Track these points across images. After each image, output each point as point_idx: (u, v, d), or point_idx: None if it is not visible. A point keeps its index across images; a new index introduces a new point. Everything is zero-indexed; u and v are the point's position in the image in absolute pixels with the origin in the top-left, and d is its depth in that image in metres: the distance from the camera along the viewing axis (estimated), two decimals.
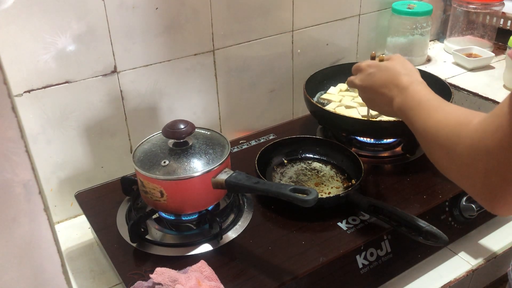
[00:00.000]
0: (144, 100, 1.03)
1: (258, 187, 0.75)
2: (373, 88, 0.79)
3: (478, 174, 0.53)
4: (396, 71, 0.77)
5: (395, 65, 0.79)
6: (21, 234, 0.43)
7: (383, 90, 0.77)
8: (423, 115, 0.67)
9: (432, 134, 0.63)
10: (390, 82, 0.76)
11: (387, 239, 0.83)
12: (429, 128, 0.64)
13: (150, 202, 0.82)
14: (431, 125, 0.64)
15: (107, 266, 0.87)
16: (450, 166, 0.59)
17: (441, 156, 0.61)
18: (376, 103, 0.81)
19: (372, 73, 0.80)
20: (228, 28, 1.08)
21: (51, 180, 0.98)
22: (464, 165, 0.55)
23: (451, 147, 0.57)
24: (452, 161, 0.58)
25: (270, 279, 0.73)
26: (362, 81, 0.82)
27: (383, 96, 0.78)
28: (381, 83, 0.78)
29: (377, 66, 0.81)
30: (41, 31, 0.86)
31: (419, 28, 1.37)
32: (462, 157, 0.55)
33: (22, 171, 0.41)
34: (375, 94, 0.80)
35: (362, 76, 0.83)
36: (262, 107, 1.23)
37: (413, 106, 0.70)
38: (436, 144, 0.62)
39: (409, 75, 0.76)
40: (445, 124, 0.61)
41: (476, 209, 0.89)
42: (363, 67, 0.83)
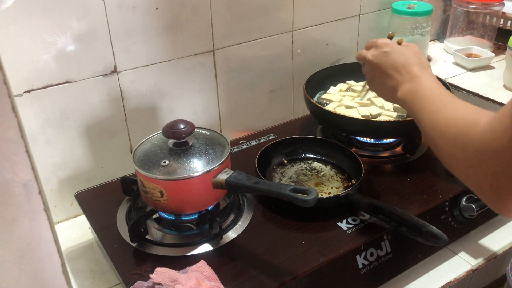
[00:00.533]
0: (144, 100, 1.03)
1: (258, 187, 0.75)
2: (384, 67, 0.78)
3: (485, 176, 0.53)
4: (411, 58, 0.76)
5: (410, 53, 0.78)
6: (21, 234, 0.43)
7: (392, 73, 0.76)
8: (432, 109, 0.66)
9: (440, 131, 0.62)
10: (402, 67, 0.75)
11: (387, 239, 0.83)
12: (436, 123, 0.63)
13: (150, 202, 0.82)
14: (439, 121, 0.63)
15: (107, 266, 0.87)
16: (456, 165, 0.59)
17: (447, 154, 0.60)
18: (381, 83, 0.79)
19: (387, 52, 0.78)
20: (228, 28, 1.08)
21: (51, 180, 0.98)
22: (471, 166, 0.55)
23: (459, 146, 0.57)
24: (459, 160, 0.57)
25: (270, 279, 0.73)
26: (374, 56, 0.80)
27: (391, 79, 0.76)
28: (393, 65, 0.76)
29: (392, 47, 0.79)
30: (41, 31, 0.86)
31: (419, 28, 1.37)
32: (470, 158, 0.55)
33: (22, 171, 0.41)
34: (383, 74, 0.78)
35: (375, 52, 0.80)
36: (262, 107, 1.23)
37: (422, 97, 0.69)
38: (443, 141, 0.61)
39: (423, 66, 0.75)
40: (454, 122, 0.60)
41: (476, 209, 0.89)
42: (379, 43, 0.81)
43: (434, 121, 0.64)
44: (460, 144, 0.57)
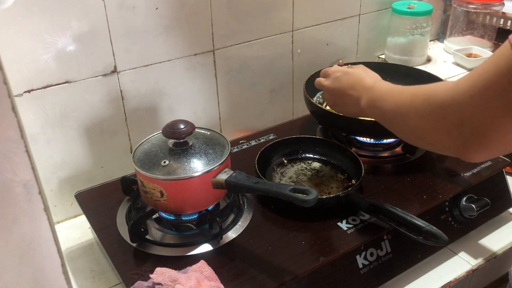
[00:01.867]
0: (144, 100, 1.03)
1: (258, 187, 0.75)
2: (340, 90, 0.86)
3: (453, 125, 0.59)
4: (361, 75, 0.85)
5: (359, 71, 0.87)
6: (21, 234, 0.43)
7: (350, 92, 0.84)
8: (394, 96, 0.73)
9: (408, 105, 0.68)
10: (356, 84, 0.83)
11: (387, 239, 0.83)
12: (403, 101, 0.69)
13: (150, 202, 0.82)
14: (404, 99, 0.69)
15: (107, 266, 0.87)
16: (426, 125, 0.64)
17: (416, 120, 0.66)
18: (343, 104, 0.87)
19: (339, 76, 0.88)
20: (228, 28, 1.08)
21: (51, 180, 0.98)
22: (439, 119, 0.61)
23: (427, 107, 0.63)
24: (428, 119, 0.64)
25: (270, 279, 0.73)
26: (329, 84, 0.89)
27: (349, 97, 0.84)
28: (348, 86, 0.85)
29: (343, 70, 0.88)
30: (41, 31, 0.86)
31: (419, 28, 1.37)
32: (438, 112, 0.61)
33: (22, 171, 0.41)
34: (342, 95, 0.86)
35: (330, 79, 0.90)
36: (262, 107, 1.23)
37: (382, 95, 0.76)
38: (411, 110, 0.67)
39: (372, 77, 0.84)
40: (419, 92, 0.67)
41: (476, 209, 0.89)
42: (331, 72, 0.91)
43: (398, 102, 0.71)
44: (427, 104, 0.63)
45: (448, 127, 0.60)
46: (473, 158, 0.61)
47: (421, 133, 0.66)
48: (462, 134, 0.59)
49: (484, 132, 0.57)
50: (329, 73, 0.91)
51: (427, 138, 0.66)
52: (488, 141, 0.57)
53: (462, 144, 0.59)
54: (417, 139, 0.69)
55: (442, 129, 0.62)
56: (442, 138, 0.62)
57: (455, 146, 0.61)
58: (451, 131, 0.60)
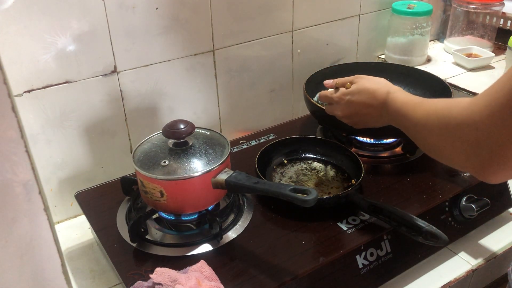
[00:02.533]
0: (144, 100, 1.03)
1: (258, 187, 0.75)
2: (358, 113, 0.84)
3: (470, 146, 0.58)
4: (370, 89, 0.82)
5: (365, 84, 0.83)
6: (21, 234, 0.43)
7: (367, 111, 0.82)
8: (410, 113, 0.72)
9: (423, 123, 0.67)
10: (370, 101, 0.81)
11: (387, 239, 0.83)
12: (419, 118, 0.69)
13: (150, 202, 0.82)
14: (420, 116, 0.69)
15: (107, 266, 0.87)
16: (444, 144, 0.63)
17: (434, 140, 0.65)
18: (366, 122, 0.85)
19: (349, 100, 0.85)
20: (228, 28, 1.08)
21: (51, 180, 0.98)
22: (456, 139, 0.60)
23: (443, 126, 0.62)
24: (445, 139, 0.62)
25: (270, 279, 0.73)
26: (343, 111, 0.86)
27: (370, 115, 0.83)
28: (363, 105, 0.83)
29: (350, 93, 0.85)
30: (41, 31, 0.86)
31: (419, 28, 1.37)
32: (454, 133, 0.60)
33: (22, 171, 0.41)
34: (362, 116, 0.84)
35: (341, 106, 0.87)
36: (262, 107, 1.23)
37: (398, 111, 0.75)
38: (427, 130, 0.66)
39: (383, 87, 0.81)
40: (434, 109, 0.66)
41: (476, 209, 0.89)
42: (336, 99, 0.87)
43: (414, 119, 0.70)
44: (443, 124, 0.62)
45: (465, 147, 0.59)
46: (492, 179, 0.59)
47: (439, 151, 0.65)
48: (479, 155, 0.57)
49: (502, 152, 0.55)
50: (334, 100, 0.88)
51: (446, 158, 0.65)
52: (506, 161, 0.55)
53: (479, 165, 0.58)
54: (439, 157, 0.68)
55: (458, 150, 0.60)
56: (459, 158, 0.61)
57: (472, 167, 0.59)
58: (467, 151, 0.58)
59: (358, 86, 0.84)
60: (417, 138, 0.71)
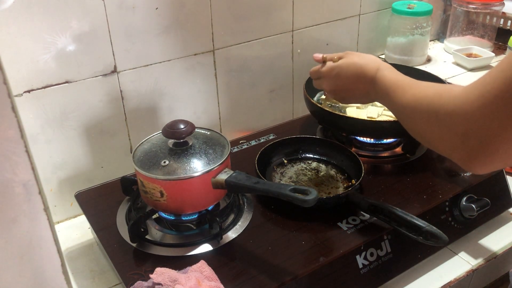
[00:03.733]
0: (144, 100, 1.03)
1: (258, 187, 0.75)
2: (345, 87, 0.83)
3: (458, 136, 0.58)
4: (358, 64, 0.80)
5: (354, 59, 0.82)
6: (21, 234, 0.43)
7: (356, 86, 0.81)
8: (398, 94, 0.71)
9: (412, 107, 0.67)
10: (358, 76, 0.80)
11: (387, 239, 0.83)
12: (407, 102, 0.68)
13: (150, 202, 0.82)
14: (409, 99, 0.68)
15: (107, 266, 0.87)
16: (431, 131, 0.63)
17: (422, 125, 0.65)
18: (353, 97, 0.84)
19: (337, 74, 0.83)
20: (228, 28, 1.08)
21: (51, 180, 0.98)
22: (445, 128, 0.60)
23: (433, 113, 0.62)
24: (433, 126, 0.62)
25: (270, 279, 0.73)
26: (330, 85, 0.85)
27: (358, 90, 0.81)
28: (352, 80, 0.81)
29: (338, 66, 0.83)
30: (41, 31, 0.86)
31: (419, 28, 1.37)
32: (443, 121, 0.60)
33: (22, 171, 0.41)
34: (349, 91, 0.83)
35: (328, 81, 0.85)
36: (262, 107, 1.23)
37: (386, 91, 0.74)
38: (417, 114, 0.66)
39: (373, 63, 0.79)
40: (425, 95, 0.65)
41: (476, 209, 0.89)
42: (324, 72, 0.86)
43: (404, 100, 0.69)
44: (434, 110, 0.61)
45: (452, 137, 0.59)
46: (478, 170, 0.59)
47: (427, 138, 0.66)
48: (467, 145, 0.57)
49: (491, 144, 0.55)
50: (323, 74, 0.86)
51: (432, 144, 0.65)
52: (494, 153, 0.56)
53: (467, 155, 0.58)
54: (425, 143, 0.69)
55: (446, 138, 0.60)
56: (446, 147, 0.61)
57: (459, 158, 0.60)
58: (455, 141, 0.59)
59: (347, 60, 0.82)
60: (404, 121, 0.71)
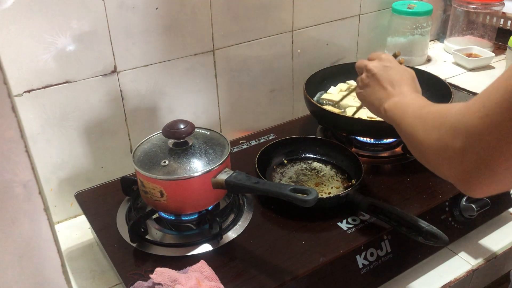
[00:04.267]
0: (144, 100, 1.03)
1: (258, 187, 0.75)
2: (380, 78, 0.82)
3: (455, 152, 0.55)
4: (407, 79, 0.81)
5: (408, 74, 0.82)
6: (21, 234, 0.43)
7: (386, 85, 0.80)
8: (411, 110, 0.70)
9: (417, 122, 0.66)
10: (396, 83, 0.80)
11: (387, 239, 0.83)
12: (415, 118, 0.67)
13: (150, 202, 0.82)
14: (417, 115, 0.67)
15: (107, 266, 0.87)
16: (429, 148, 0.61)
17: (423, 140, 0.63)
18: (372, 93, 0.83)
19: (388, 67, 0.83)
20: (228, 28, 1.08)
21: (51, 180, 0.98)
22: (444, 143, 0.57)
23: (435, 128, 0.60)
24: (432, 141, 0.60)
25: (270, 279, 0.73)
26: (375, 67, 0.84)
27: (383, 91, 0.80)
28: (389, 79, 0.81)
29: (394, 64, 0.84)
30: (41, 31, 0.86)
31: (419, 28, 1.37)
32: (443, 136, 0.58)
33: (22, 171, 0.41)
34: (377, 84, 0.82)
35: (377, 64, 0.85)
36: (262, 107, 1.23)
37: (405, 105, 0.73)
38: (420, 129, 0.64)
39: (415, 88, 0.80)
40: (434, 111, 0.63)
41: (476, 209, 0.89)
42: (383, 57, 0.86)
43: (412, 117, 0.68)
44: (436, 124, 0.60)
45: (450, 153, 0.56)
46: (476, 191, 0.56)
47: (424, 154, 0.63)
48: (464, 162, 0.54)
49: (489, 160, 0.52)
50: (381, 58, 0.86)
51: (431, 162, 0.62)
52: (493, 171, 0.52)
53: (464, 174, 0.55)
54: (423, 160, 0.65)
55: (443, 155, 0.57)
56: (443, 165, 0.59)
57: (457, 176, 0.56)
58: (452, 158, 0.56)
59: (404, 69, 0.83)
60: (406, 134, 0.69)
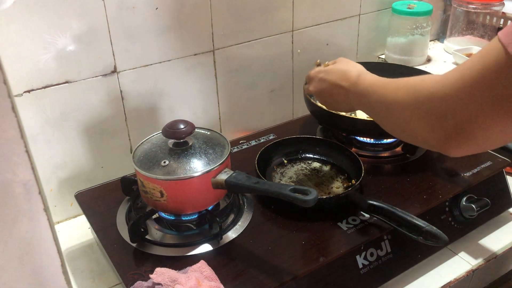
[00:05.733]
0: (144, 100, 1.03)
1: (258, 187, 0.75)
2: (327, 90, 0.85)
3: (436, 118, 0.59)
4: (343, 70, 0.83)
5: (340, 65, 0.85)
6: (21, 234, 0.43)
7: (336, 90, 0.83)
8: (380, 89, 0.71)
9: (391, 97, 0.67)
10: (340, 80, 0.82)
11: (387, 239, 0.83)
12: (388, 94, 0.69)
13: (150, 202, 0.82)
14: (390, 91, 0.69)
15: (107, 266, 0.87)
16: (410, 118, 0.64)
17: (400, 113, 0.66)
18: (334, 102, 0.85)
19: (322, 77, 0.86)
20: (228, 28, 1.08)
21: (51, 180, 0.98)
22: (423, 111, 0.61)
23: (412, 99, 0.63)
24: (411, 112, 0.63)
25: (270, 279, 0.73)
26: (315, 87, 0.88)
27: (338, 95, 0.83)
28: (333, 84, 0.83)
29: (324, 70, 0.87)
30: (41, 31, 0.86)
31: (419, 28, 1.37)
32: (422, 105, 0.61)
33: (22, 171, 0.41)
34: (330, 95, 0.85)
35: (314, 83, 0.89)
36: (262, 107, 1.23)
37: (368, 89, 0.75)
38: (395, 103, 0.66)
39: (356, 70, 0.81)
40: (405, 84, 0.66)
41: (476, 209, 0.89)
42: (312, 75, 0.90)
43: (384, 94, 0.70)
44: (413, 95, 0.63)
45: (431, 119, 0.60)
46: (454, 152, 0.61)
47: (404, 125, 0.66)
48: (444, 127, 0.59)
49: (467, 126, 0.57)
50: (310, 76, 0.90)
51: (409, 131, 0.66)
52: (470, 136, 0.57)
53: (443, 137, 0.59)
54: (400, 132, 0.69)
55: (424, 121, 0.61)
56: (423, 130, 0.62)
57: (436, 139, 0.61)
58: (433, 123, 0.60)
59: (333, 66, 0.86)
60: (381, 116, 0.72)
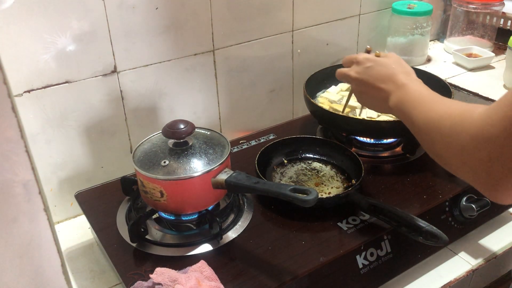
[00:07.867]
0: (144, 100, 1.03)
1: (258, 187, 0.75)
2: (370, 82, 0.79)
3: (480, 162, 0.54)
4: (394, 68, 0.77)
5: (392, 63, 0.79)
6: (21, 234, 0.43)
7: (380, 85, 0.77)
8: (424, 108, 0.67)
9: (434, 126, 0.63)
10: (388, 78, 0.76)
11: (387, 239, 0.83)
12: (431, 120, 0.64)
13: (150, 202, 0.82)
14: (433, 117, 0.64)
15: (107, 266, 0.87)
16: (452, 157, 0.59)
17: (442, 147, 0.61)
18: (370, 97, 0.80)
19: (370, 67, 0.79)
20: (228, 28, 1.08)
21: (51, 180, 0.98)
22: (466, 154, 0.56)
23: (454, 136, 0.58)
24: (454, 151, 0.58)
25: (270, 279, 0.73)
26: (358, 73, 0.81)
27: (379, 91, 0.77)
28: (379, 78, 0.77)
29: (374, 60, 0.80)
30: (41, 31, 0.86)
31: (419, 28, 1.37)
32: (465, 146, 0.56)
33: (22, 171, 0.41)
34: (371, 88, 0.79)
35: (358, 68, 0.81)
36: (262, 107, 1.23)
37: (413, 101, 0.70)
38: (438, 135, 0.62)
39: (407, 73, 0.77)
40: (449, 114, 0.61)
41: (476, 209, 0.89)
42: (360, 59, 0.82)
43: (428, 117, 0.65)
44: (455, 133, 0.58)
45: (475, 163, 0.54)
46: (503, 199, 0.55)
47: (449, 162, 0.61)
48: (490, 172, 0.53)
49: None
50: (358, 60, 0.82)
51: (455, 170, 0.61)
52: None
53: (490, 182, 0.54)
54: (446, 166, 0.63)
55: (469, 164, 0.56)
56: (469, 173, 0.57)
57: (482, 184, 0.55)
58: (478, 168, 0.54)
59: (386, 60, 0.79)
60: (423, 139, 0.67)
